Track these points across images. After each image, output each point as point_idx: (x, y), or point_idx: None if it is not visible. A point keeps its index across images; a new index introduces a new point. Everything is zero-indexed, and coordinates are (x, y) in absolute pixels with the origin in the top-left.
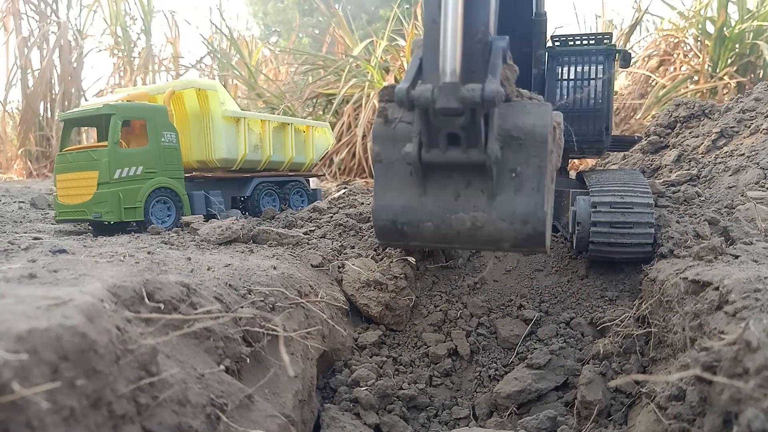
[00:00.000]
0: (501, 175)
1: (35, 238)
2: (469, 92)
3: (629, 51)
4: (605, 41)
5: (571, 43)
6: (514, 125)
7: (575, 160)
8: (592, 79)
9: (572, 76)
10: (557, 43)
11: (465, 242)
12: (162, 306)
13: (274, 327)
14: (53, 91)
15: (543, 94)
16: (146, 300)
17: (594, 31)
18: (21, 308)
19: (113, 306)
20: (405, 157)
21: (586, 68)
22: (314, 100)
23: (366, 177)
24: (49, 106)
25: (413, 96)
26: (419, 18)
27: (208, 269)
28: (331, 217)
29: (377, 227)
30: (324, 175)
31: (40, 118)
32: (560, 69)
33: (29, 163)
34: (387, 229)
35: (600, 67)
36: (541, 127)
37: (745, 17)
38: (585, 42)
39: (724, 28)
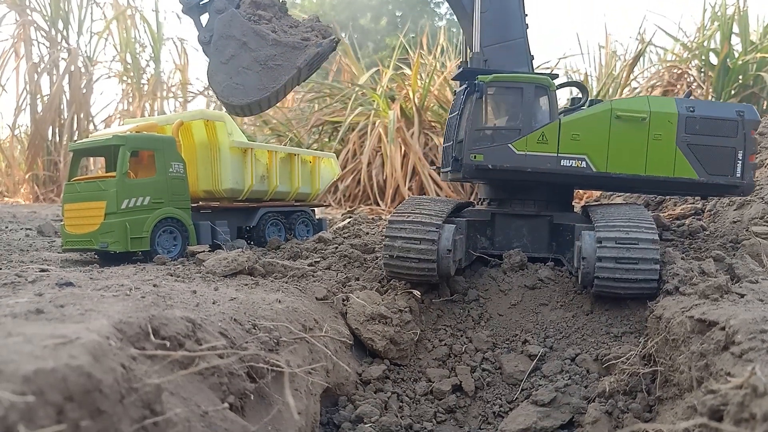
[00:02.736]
0: None
1: (42, 270)
2: None
3: (482, 82)
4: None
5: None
6: None
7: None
8: (455, 113)
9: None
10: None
11: None
12: (167, 343)
13: (278, 363)
14: (62, 117)
15: None
16: (152, 336)
17: (599, 61)
18: (28, 348)
19: (119, 343)
20: None
21: (457, 103)
22: (320, 128)
23: (371, 204)
24: (57, 131)
25: None
26: (425, 47)
27: (213, 303)
28: (336, 247)
29: None
30: (329, 204)
31: (49, 143)
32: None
33: (36, 187)
34: None
35: (460, 100)
36: None
37: (749, 49)
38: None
39: (728, 60)
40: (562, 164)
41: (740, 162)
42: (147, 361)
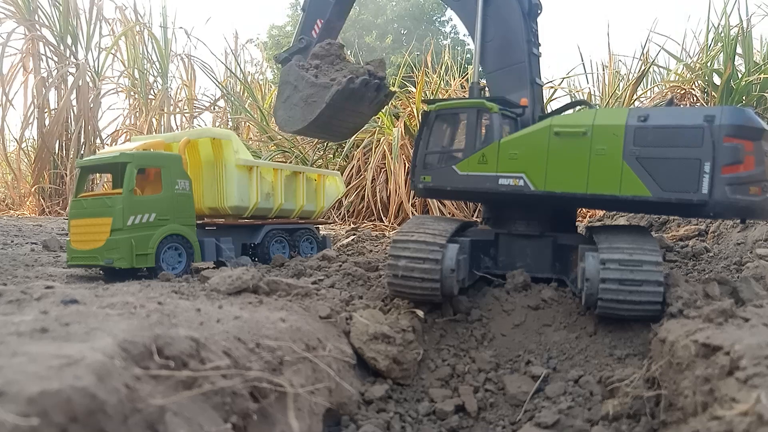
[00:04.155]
0: None
1: (48, 287)
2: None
3: (429, 111)
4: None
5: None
6: None
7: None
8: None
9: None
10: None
11: None
12: (172, 362)
13: (281, 384)
14: (69, 131)
15: None
16: (156, 356)
17: (603, 81)
18: (33, 368)
19: (123, 363)
20: None
21: None
22: (325, 144)
23: (375, 220)
24: (64, 144)
25: None
26: (429, 66)
27: (217, 321)
28: (340, 265)
29: None
30: (334, 221)
31: (55, 156)
32: None
33: (42, 200)
34: None
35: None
36: None
37: (752, 70)
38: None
39: (731, 81)
40: (500, 183)
41: (707, 175)
42: (151, 380)
